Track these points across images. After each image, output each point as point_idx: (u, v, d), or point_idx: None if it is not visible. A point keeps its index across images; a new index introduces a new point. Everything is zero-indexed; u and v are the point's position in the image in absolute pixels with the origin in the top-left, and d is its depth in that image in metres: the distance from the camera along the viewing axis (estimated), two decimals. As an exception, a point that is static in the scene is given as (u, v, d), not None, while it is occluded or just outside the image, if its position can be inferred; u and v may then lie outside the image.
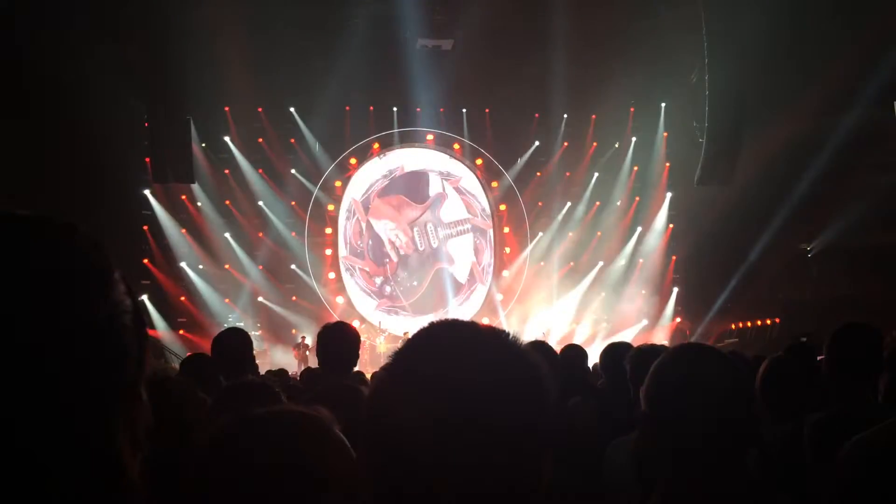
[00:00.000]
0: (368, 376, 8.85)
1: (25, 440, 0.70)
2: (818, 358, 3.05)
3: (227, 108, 18.18)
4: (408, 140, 20.39)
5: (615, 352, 4.15)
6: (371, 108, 19.39)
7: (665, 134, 19.61)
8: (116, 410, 0.76)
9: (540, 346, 4.10)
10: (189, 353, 6.13)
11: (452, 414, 0.95)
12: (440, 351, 1.03)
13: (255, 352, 4.01)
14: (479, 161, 20.53)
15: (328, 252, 19.87)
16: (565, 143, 20.18)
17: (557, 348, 4.92)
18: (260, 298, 18.52)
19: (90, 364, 0.74)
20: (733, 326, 18.47)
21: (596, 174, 20.23)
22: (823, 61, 14.25)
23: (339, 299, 19.67)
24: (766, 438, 2.82)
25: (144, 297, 16.19)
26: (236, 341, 3.70)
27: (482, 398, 0.96)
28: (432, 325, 1.08)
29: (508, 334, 1.07)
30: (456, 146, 20.44)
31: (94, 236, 0.80)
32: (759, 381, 3.07)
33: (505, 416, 0.97)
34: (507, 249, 20.68)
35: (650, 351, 2.96)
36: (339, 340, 3.54)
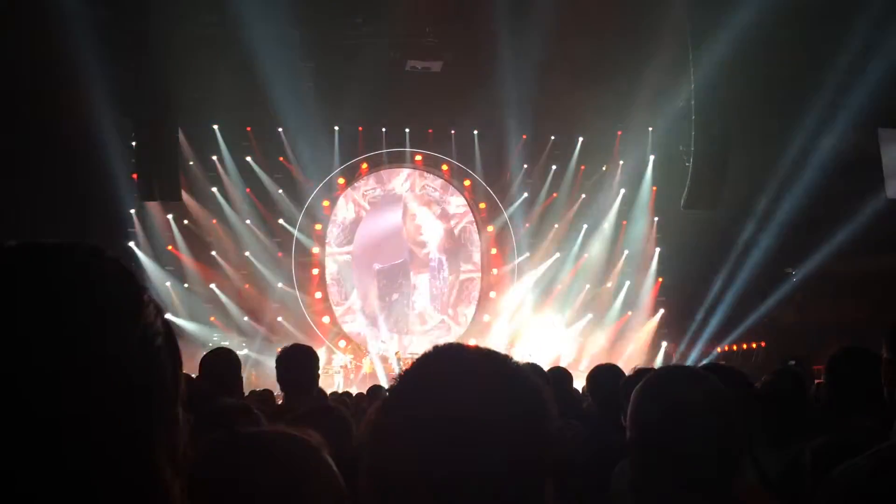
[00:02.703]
0: (354, 397, 8.83)
1: (63, 467, 0.68)
2: (817, 382, 3.04)
3: (215, 127, 18.17)
4: (396, 160, 20.41)
5: (602, 375, 4.12)
6: (360, 128, 19.41)
7: (652, 157, 19.73)
8: (154, 434, 0.75)
9: (536, 370, 4.07)
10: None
11: (454, 441, 0.93)
12: (442, 377, 1.00)
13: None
14: (467, 182, 20.57)
15: (315, 272, 19.79)
16: (553, 167, 20.25)
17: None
18: (245, 318, 18.41)
19: (125, 389, 0.72)
20: (719, 349, 18.49)
21: (583, 196, 20.31)
22: (808, 87, 14.41)
23: (325, 319, 19.57)
24: (766, 464, 2.80)
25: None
26: (224, 362, 3.64)
27: (484, 426, 0.94)
28: (435, 350, 1.06)
29: (511, 359, 1.04)
30: (444, 167, 20.48)
31: (122, 259, 0.79)
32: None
33: (507, 444, 0.94)
34: (495, 271, 20.66)
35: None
36: (297, 363, 3.50)
